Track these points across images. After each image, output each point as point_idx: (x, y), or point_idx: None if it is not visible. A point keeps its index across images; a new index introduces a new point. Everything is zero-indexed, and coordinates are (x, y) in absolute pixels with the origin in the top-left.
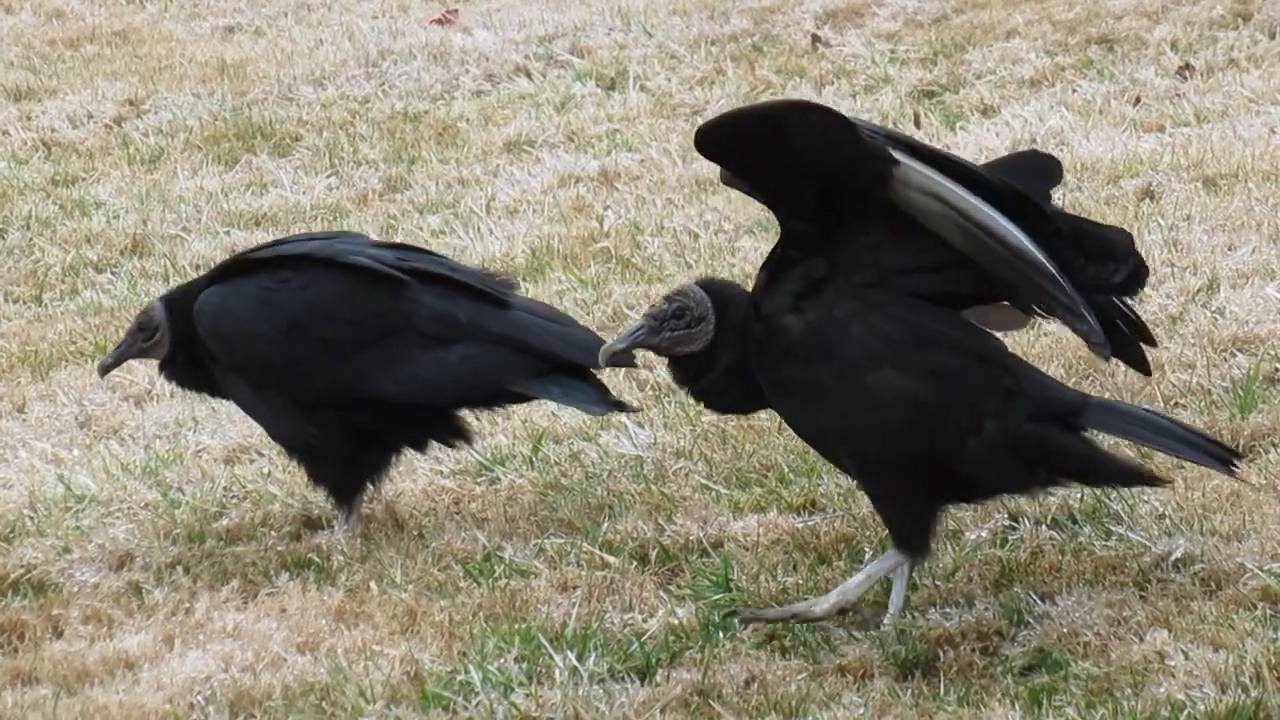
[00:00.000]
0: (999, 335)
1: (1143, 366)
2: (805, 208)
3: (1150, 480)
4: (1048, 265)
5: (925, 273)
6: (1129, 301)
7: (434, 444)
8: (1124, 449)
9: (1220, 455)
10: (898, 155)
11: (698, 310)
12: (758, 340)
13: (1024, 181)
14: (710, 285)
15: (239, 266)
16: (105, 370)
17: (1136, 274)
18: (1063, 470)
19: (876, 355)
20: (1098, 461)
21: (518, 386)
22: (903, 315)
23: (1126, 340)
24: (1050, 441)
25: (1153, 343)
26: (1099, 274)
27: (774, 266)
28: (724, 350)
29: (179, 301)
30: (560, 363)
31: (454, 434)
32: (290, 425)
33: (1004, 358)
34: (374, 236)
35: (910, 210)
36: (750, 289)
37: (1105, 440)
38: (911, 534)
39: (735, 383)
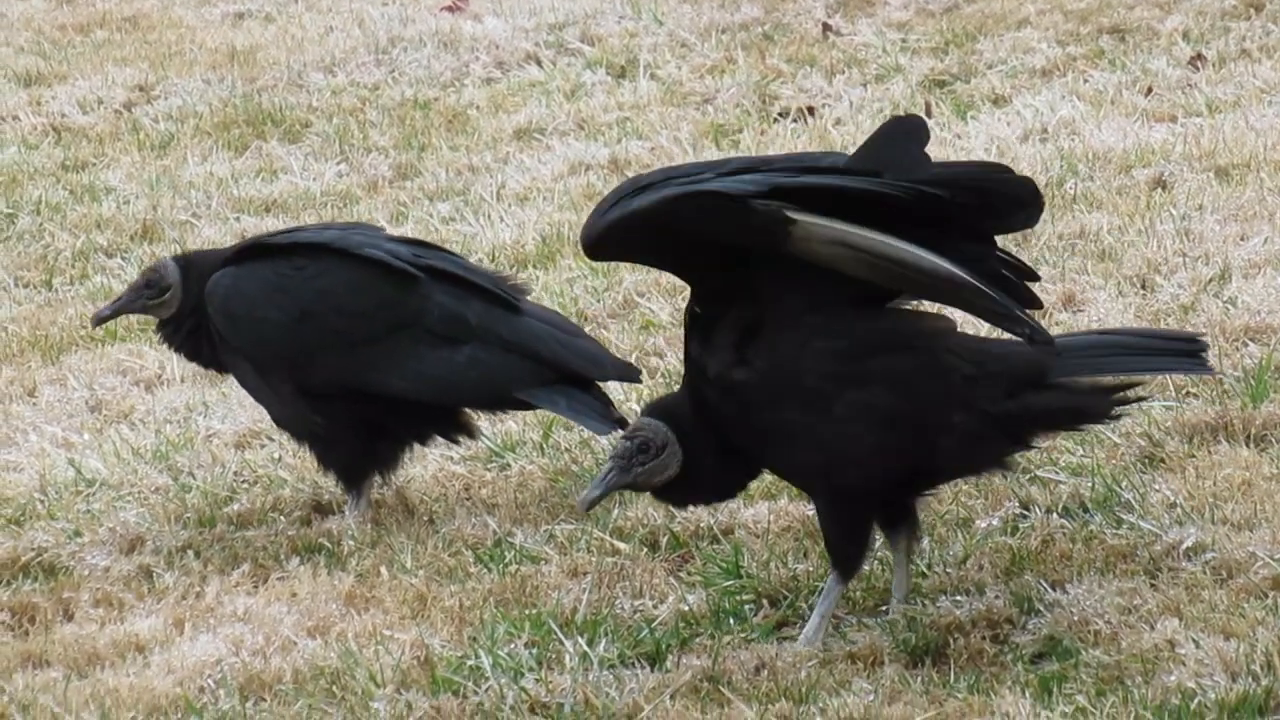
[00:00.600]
0: None
1: (1035, 303)
2: (714, 271)
3: (1134, 396)
4: (969, 279)
5: (850, 284)
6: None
7: (438, 438)
8: None
9: (1188, 350)
10: (792, 215)
11: (658, 439)
12: (714, 405)
13: (899, 149)
14: (661, 411)
15: (256, 250)
16: (99, 321)
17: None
18: (1049, 428)
19: (836, 377)
20: (1079, 406)
21: (523, 394)
22: (845, 329)
23: (1014, 286)
24: (1033, 409)
25: (1036, 278)
26: (1011, 224)
27: (702, 326)
28: (701, 460)
29: (195, 268)
30: (567, 373)
31: (459, 430)
32: (295, 412)
33: (956, 341)
34: (384, 224)
35: (816, 260)
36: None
37: None
38: (855, 561)
39: (726, 469)
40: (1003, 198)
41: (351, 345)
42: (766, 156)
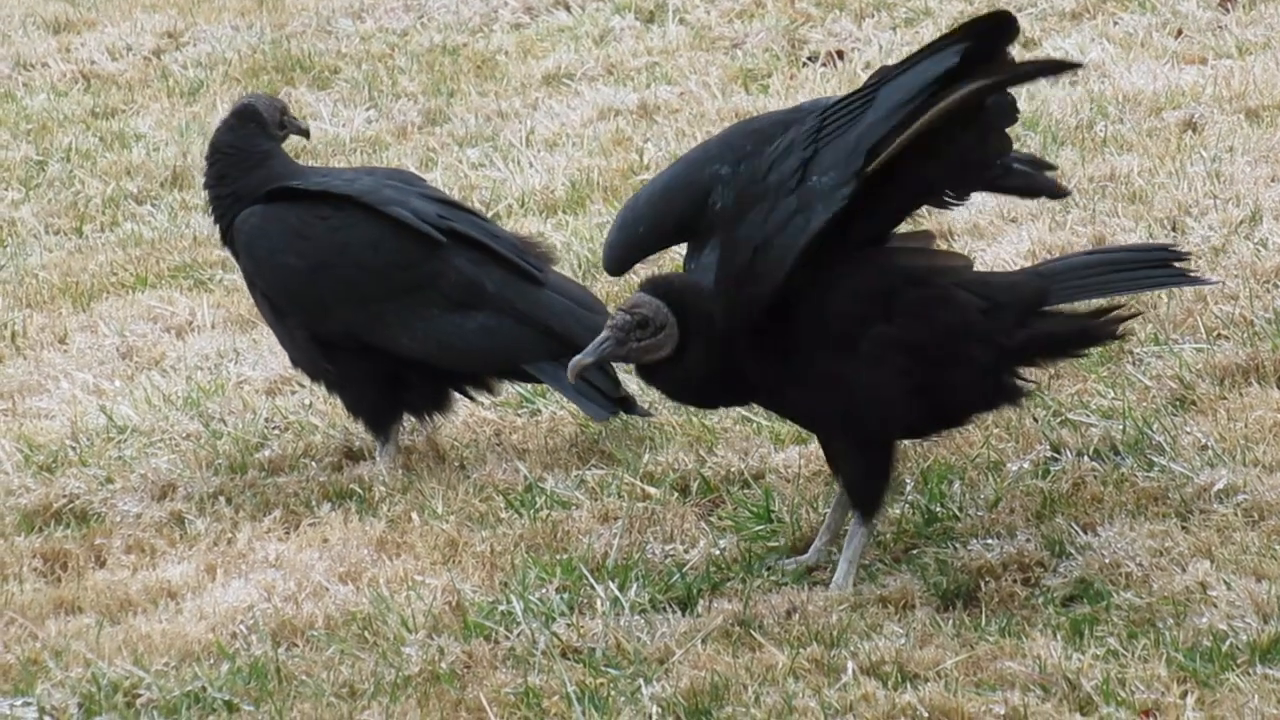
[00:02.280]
0: None
1: (1057, 190)
2: None
3: (1133, 313)
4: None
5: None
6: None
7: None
8: None
9: (1173, 257)
10: None
11: (658, 319)
12: (738, 343)
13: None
14: (663, 290)
15: (286, 192)
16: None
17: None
18: (1059, 355)
19: (861, 317)
20: (1086, 329)
21: (531, 367)
22: (868, 268)
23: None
24: (1041, 336)
25: (1052, 167)
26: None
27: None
28: (692, 349)
29: (240, 188)
30: (578, 349)
31: (478, 388)
32: (308, 357)
33: (968, 277)
34: (415, 171)
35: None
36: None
37: None
38: (877, 502)
39: (705, 379)
40: None
41: (364, 300)
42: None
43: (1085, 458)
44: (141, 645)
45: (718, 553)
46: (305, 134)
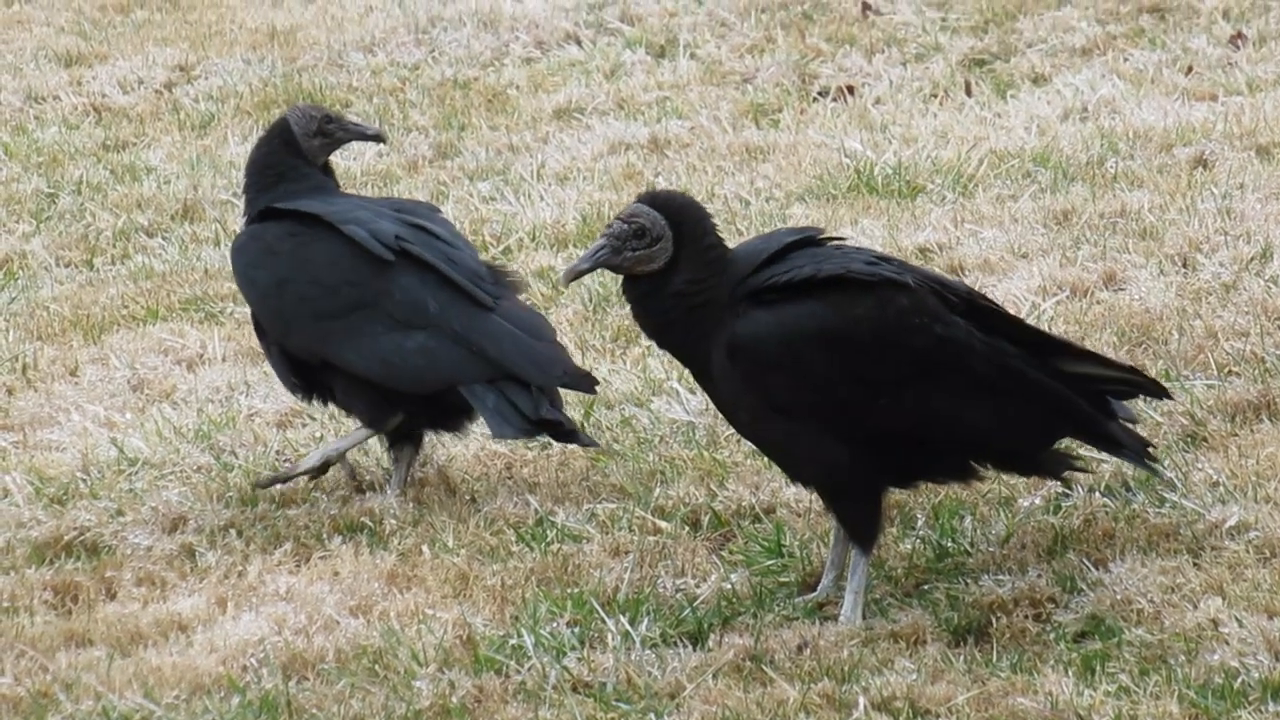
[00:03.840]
0: None
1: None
2: None
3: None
4: None
5: None
6: None
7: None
8: None
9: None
10: None
11: (655, 230)
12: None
13: None
14: (661, 202)
15: (272, 212)
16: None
17: None
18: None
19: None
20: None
21: (462, 388)
22: None
23: None
24: None
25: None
26: None
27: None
28: (683, 267)
29: (252, 207)
30: (509, 374)
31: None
32: (281, 372)
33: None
34: (431, 204)
35: None
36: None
37: None
38: (872, 534)
39: (684, 307)
40: None
41: (318, 317)
42: None
43: (1096, 493)
44: (152, 678)
45: (729, 587)
46: (376, 138)
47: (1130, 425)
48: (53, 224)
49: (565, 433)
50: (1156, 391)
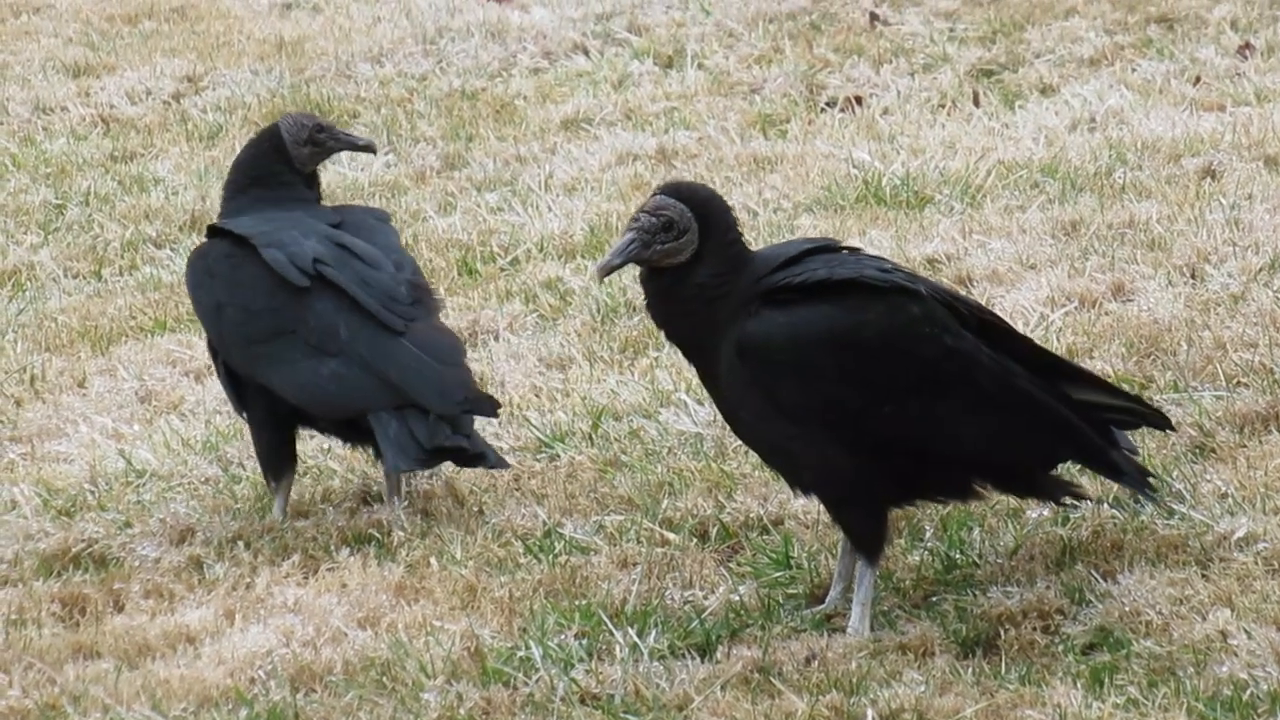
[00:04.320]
0: None
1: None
2: None
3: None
4: None
5: None
6: None
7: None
8: None
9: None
10: None
11: (683, 223)
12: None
13: None
14: (686, 194)
15: (216, 229)
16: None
17: None
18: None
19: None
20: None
21: (371, 416)
22: None
23: None
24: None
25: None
26: None
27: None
28: (707, 261)
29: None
30: (409, 401)
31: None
32: (226, 389)
33: None
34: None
35: None
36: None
37: None
38: (878, 544)
39: (704, 299)
40: None
41: (249, 341)
42: None
43: (1105, 505)
44: (160, 690)
45: (737, 599)
46: (366, 149)
47: (1132, 455)
48: (60, 235)
49: (470, 457)
50: (1160, 423)
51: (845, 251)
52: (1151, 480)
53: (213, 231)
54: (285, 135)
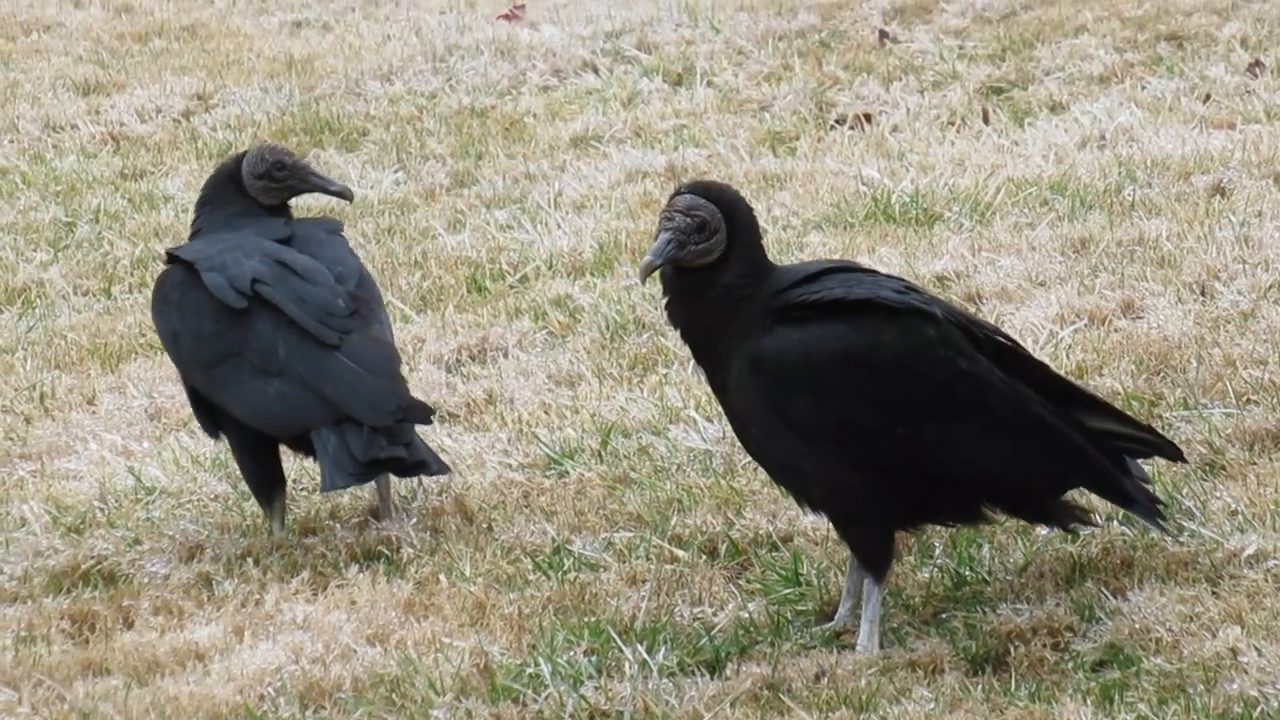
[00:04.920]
0: None
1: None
2: None
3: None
4: None
5: None
6: None
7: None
8: None
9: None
10: None
11: (714, 224)
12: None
13: None
14: (715, 195)
15: (173, 256)
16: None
17: None
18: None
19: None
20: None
21: (314, 432)
22: None
23: None
24: None
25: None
26: None
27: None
28: (734, 262)
29: None
30: (344, 415)
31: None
32: (195, 412)
33: None
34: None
35: None
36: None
37: None
38: (884, 563)
39: (731, 300)
40: None
41: (205, 365)
42: None
43: (1115, 522)
44: (169, 707)
45: (746, 616)
46: (340, 195)
47: (1144, 484)
48: (70, 253)
49: (409, 466)
50: (1173, 454)
51: (864, 272)
52: (1161, 509)
53: (170, 258)
54: (245, 165)
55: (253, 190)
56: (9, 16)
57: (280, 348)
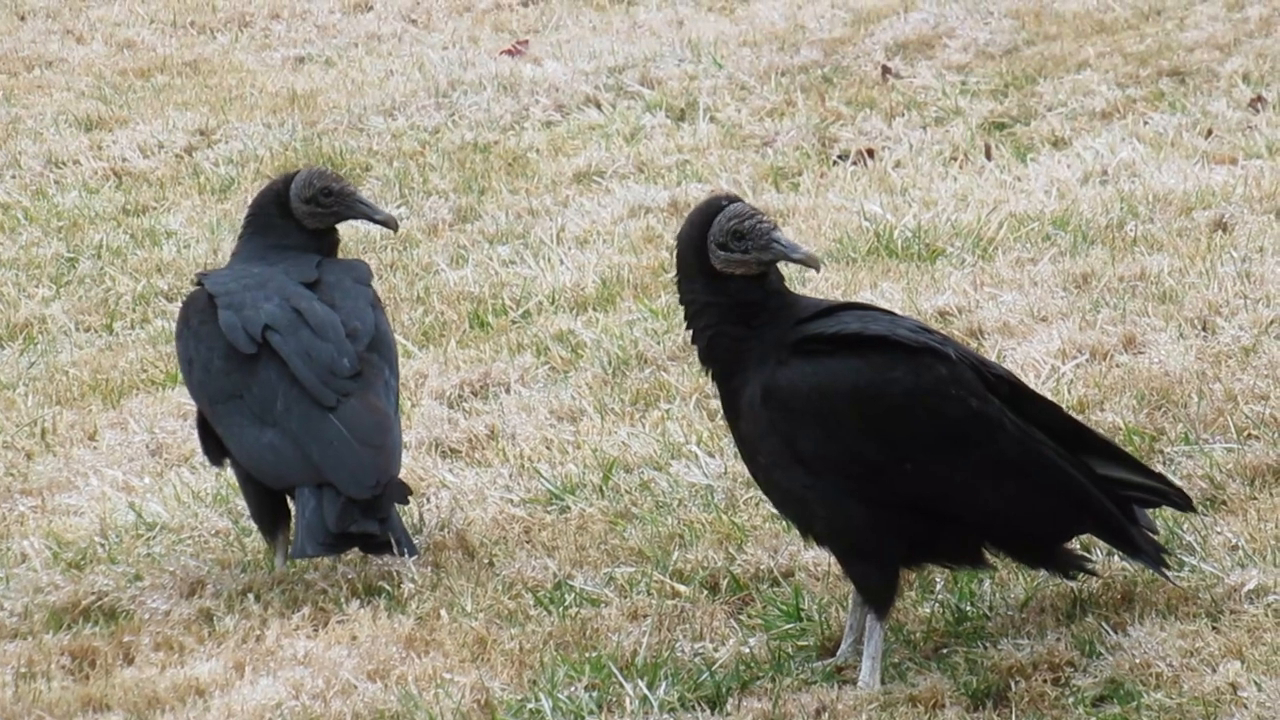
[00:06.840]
0: None
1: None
2: None
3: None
4: None
5: None
6: None
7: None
8: None
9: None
10: None
11: None
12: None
13: None
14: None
15: (199, 281)
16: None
17: None
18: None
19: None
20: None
21: (298, 491)
22: None
23: None
24: None
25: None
26: None
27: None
28: (773, 272)
29: None
30: (330, 483)
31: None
32: (200, 437)
33: None
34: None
35: None
36: None
37: None
38: (887, 598)
39: (773, 310)
40: None
41: (211, 400)
42: None
43: (1115, 557)
44: None
45: (747, 651)
46: (385, 224)
47: (1151, 534)
48: (72, 288)
49: (377, 545)
50: (1182, 504)
51: (881, 312)
52: (1167, 559)
53: (199, 281)
54: (292, 189)
55: (298, 214)
56: (11, 52)
57: (279, 400)
